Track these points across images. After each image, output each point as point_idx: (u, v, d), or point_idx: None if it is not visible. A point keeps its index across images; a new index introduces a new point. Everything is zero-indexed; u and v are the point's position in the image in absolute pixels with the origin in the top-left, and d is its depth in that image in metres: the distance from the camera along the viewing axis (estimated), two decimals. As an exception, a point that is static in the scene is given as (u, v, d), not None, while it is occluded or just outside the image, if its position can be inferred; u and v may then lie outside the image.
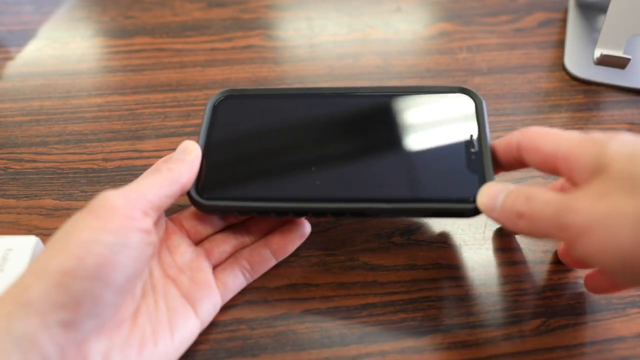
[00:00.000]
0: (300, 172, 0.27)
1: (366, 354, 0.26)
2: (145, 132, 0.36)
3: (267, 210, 0.26)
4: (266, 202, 0.26)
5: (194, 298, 0.25)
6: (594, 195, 0.20)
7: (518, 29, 0.44)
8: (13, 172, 0.34)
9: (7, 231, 0.31)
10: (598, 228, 0.19)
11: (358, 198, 0.26)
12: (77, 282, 0.20)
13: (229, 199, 0.26)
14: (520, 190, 0.22)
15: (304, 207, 0.26)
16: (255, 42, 0.43)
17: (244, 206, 0.26)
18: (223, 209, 0.26)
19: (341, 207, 0.26)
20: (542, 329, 0.26)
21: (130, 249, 0.22)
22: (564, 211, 0.20)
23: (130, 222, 0.22)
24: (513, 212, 0.22)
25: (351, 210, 0.26)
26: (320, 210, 0.26)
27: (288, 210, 0.26)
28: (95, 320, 0.21)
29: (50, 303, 0.20)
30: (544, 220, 0.21)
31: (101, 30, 0.44)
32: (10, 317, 0.19)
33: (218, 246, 0.28)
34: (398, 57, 0.42)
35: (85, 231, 0.21)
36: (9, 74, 0.41)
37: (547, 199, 0.21)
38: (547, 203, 0.21)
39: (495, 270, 0.29)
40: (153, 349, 0.23)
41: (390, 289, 0.28)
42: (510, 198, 0.22)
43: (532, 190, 0.22)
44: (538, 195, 0.21)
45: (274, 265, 0.28)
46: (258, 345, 0.26)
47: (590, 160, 0.20)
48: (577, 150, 0.21)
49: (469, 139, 0.27)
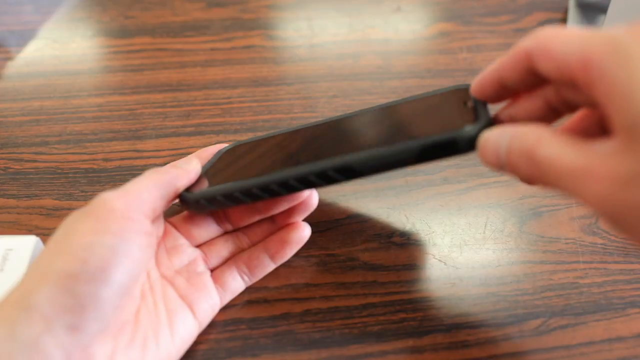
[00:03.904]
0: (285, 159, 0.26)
1: (366, 354, 0.26)
2: (145, 132, 0.36)
3: (249, 188, 0.25)
4: (249, 181, 0.25)
5: (191, 299, 0.25)
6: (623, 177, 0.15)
7: (518, 29, 0.44)
8: (13, 172, 0.34)
9: (7, 231, 0.31)
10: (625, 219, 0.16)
11: (342, 153, 0.23)
12: (81, 285, 0.20)
13: (213, 186, 0.26)
14: (522, 146, 0.18)
15: (285, 175, 0.24)
16: (255, 42, 0.43)
17: (227, 188, 0.25)
18: (207, 196, 0.26)
19: (324, 165, 0.23)
20: (542, 329, 0.26)
21: (132, 250, 0.22)
22: (582, 189, 0.16)
23: (131, 224, 0.22)
24: (520, 174, 0.19)
25: (336, 167, 0.23)
26: (303, 174, 0.24)
27: (270, 182, 0.25)
28: (100, 323, 0.21)
29: (54, 307, 0.19)
30: (560, 187, 0.17)
31: (101, 30, 0.44)
32: (14, 321, 0.19)
33: (216, 250, 0.28)
34: (398, 57, 0.42)
35: (86, 233, 0.21)
36: (9, 74, 0.41)
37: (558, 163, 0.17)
38: (559, 171, 0.17)
39: (495, 270, 0.29)
40: (155, 350, 0.23)
41: (390, 289, 0.28)
42: (513, 157, 0.19)
43: (534, 144, 0.18)
44: (545, 155, 0.17)
45: (273, 269, 0.28)
46: (258, 345, 0.26)
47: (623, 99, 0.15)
48: (602, 63, 0.16)
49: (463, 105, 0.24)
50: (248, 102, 0.38)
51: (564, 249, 0.29)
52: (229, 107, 0.38)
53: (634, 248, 0.29)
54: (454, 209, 0.32)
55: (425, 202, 0.32)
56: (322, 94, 0.39)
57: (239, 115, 0.37)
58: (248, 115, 0.37)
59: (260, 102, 0.38)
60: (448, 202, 0.32)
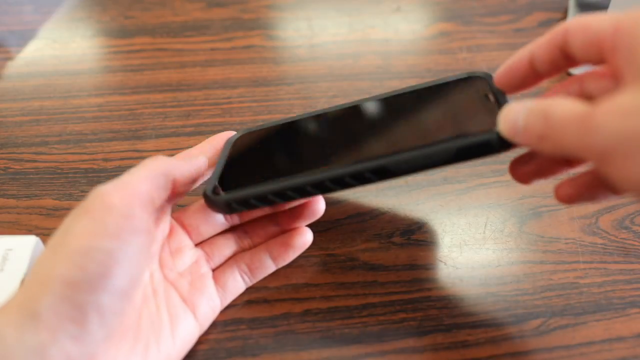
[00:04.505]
0: (315, 154, 0.26)
1: (366, 354, 0.26)
2: (145, 132, 0.36)
3: (284, 190, 0.24)
4: (282, 182, 0.25)
5: (193, 302, 0.25)
6: (625, 109, 0.17)
7: (518, 29, 0.44)
8: (13, 172, 0.34)
9: (7, 231, 0.31)
10: (621, 151, 0.16)
11: (377, 156, 0.24)
12: (82, 294, 0.20)
13: (244, 188, 0.25)
14: (539, 107, 0.19)
15: (322, 177, 0.24)
16: (255, 42, 0.43)
17: (260, 191, 0.25)
18: (240, 199, 0.25)
19: (361, 167, 0.23)
20: (542, 329, 0.26)
21: (131, 252, 0.21)
22: (586, 129, 0.17)
23: (130, 223, 0.21)
24: (534, 135, 0.19)
25: (372, 168, 0.23)
26: (339, 176, 0.24)
27: (305, 184, 0.24)
28: (103, 330, 0.20)
29: (58, 317, 0.19)
30: (567, 140, 0.18)
31: (101, 30, 0.44)
32: (21, 328, 0.19)
33: (219, 249, 0.27)
34: (398, 57, 0.42)
35: (83, 236, 0.20)
36: (9, 74, 0.41)
37: (567, 114, 0.18)
38: (567, 120, 0.18)
39: (495, 270, 0.29)
40: (156, 354, 0.23)
41: (390, 289, 0.28)
42: (530, 118, 0.19)
43: (550, 104, 0.19)
44: (557, 111, 0.18)
45: (273, 271, 0.28)
46: (258, 345, 0.26)
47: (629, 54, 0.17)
48: (631, 27, 0.18)
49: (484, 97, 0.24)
50: (248, 102, 0.38)
51: (564, 249, 0.29)
52: (229, 107, 0.38)
53: (634, 248, 0.29)
54: (454, 209, 0.32)
55: (425, 202, 0.32)
56: (322, 94, 0.39)
57: (239, 115, 0.37)
58: (248, 115, 0.37)
59: (260, 102, 0.38)
60: (448, 202, 0.32)
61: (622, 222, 0.31)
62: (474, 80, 0.26)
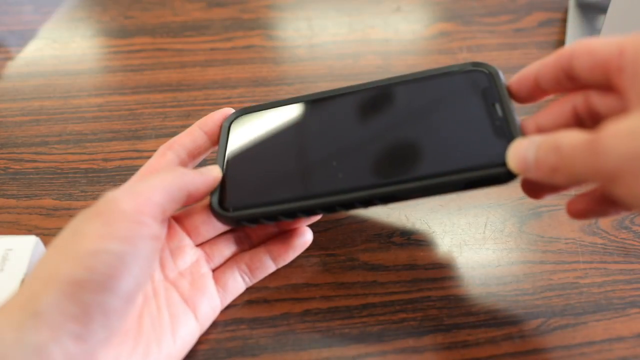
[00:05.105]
0: (322, 169, 0.26)
1: (366, 354, 0.26)
2: (145, 132, 0.36)
3: (294, 211, 0.25)
4: (292, 202, 0.25)
5: (194, 303, 0.25)
6: (632, 131, 0.17)
7: (518, 29, 0.44)
8: (13, 172, 0.34)
9: (7, 231, 0.31)
10: (630, 171, 0.17)
11: (386, 182, 0.24)
12: (88, 293, 0.20)
13: (254, 206, 0.25)
14: (548, 142, 0.20)
15: (331, 201, 0.25)
16: (255, 42, 0.43)
17: (270, 211, 0.25)
18: (249, 217, 0.25)
19: (370, 194, 0.24)
20: (542, 329, 0.26)
21: (140, 257, 0.21)
22: (595, 153, 0.18)
23: (140, 229, 0.21)
24: (547, 168, 0.20)
25: (381, 196, 0.24)
26: (348, 201, 0.24)
27: (315, 207, 0.25)
28: (105, 331, 0.20)
29: (60, 315, 0.19)
30: (578, 168, 0.19)
31: (101, 30, 0.44)
32: (21, 327, 0.19)
33: (219, 249, 0.27)
34: (398, 57, 0.42)
35: (93, 238, 0.20)
36: (9, 74, 0.41)
37: (575, 142, 0.19)
38: (576, 148, 0.19)
39: (495, 270, 0.29)
40: (157, 355, 0.23)
41: (390, 289, 0.28)
42: (541, 152, 0.20)
43: (558, 137, 0.20)
44: (566, 141, 0.19)
45: (273, 271, 0.28)
46: (258, 345, 0.26)
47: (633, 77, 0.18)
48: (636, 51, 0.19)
49: (491, 107, 0.25)
50: (248, 102, 0.38)
51: (564, 249, 0.29)
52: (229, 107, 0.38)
53: (634, 248, 0.29)
54: (454, 209, 0.32)
55: (425, 202, 0.32)
56: (322, 94, 0.39)
57: (239, 115, 0.37)
58: (248, 115, 0.37)
59: (260, 102, 0.38)
60: (448, 202, 0.32)
61: (622, 222, 0.31)
62: (478, 77, 0.26)
